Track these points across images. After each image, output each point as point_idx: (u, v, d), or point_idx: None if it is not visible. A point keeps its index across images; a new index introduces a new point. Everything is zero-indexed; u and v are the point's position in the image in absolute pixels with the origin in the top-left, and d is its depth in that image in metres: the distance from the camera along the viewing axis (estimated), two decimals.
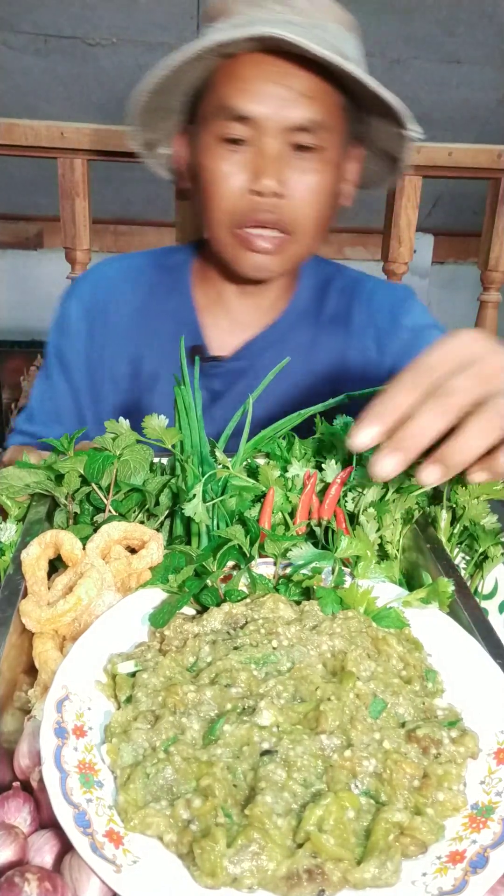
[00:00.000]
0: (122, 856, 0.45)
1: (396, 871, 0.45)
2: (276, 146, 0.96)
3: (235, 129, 0.96)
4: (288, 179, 0.97)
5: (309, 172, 0.99)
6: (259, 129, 0.95)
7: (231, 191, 0.99)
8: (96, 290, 1.20)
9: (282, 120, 0.95)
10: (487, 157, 1.53)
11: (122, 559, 0.67)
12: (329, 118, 0.98)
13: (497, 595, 0.77)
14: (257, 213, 0.98)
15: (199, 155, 1.01)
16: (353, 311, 1.18)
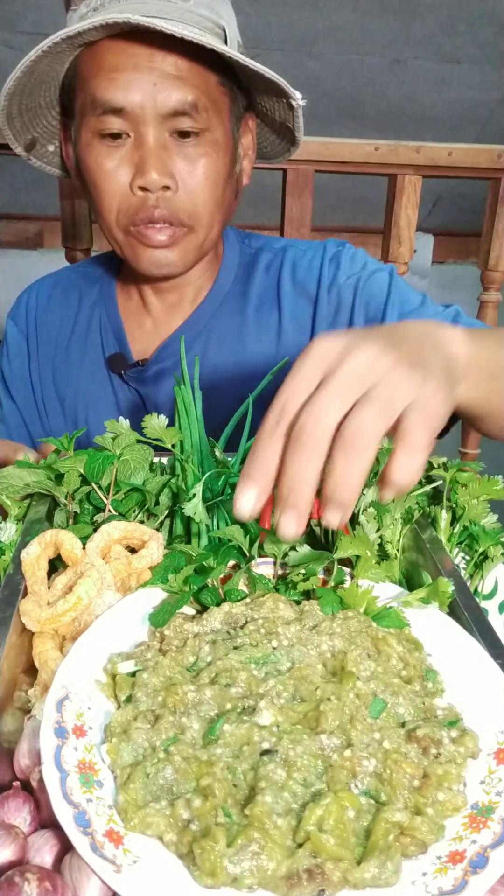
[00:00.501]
0: (122, 856, 0.45)
1: (396, 871, 0.45)
2: (156, 135, 0.90)
3: (111, 122, 0.90)
4: (174, 169, 0.92)
5: (196, 158, 0.93)
6: (135, 120, 0.90)
7: (117, 189, 0.93)
8: (28, 309, 1.19)
9: (157, 105, 0.89)
10: (487, 157, 1.53)
11: (122, 559, 0.67)
12: (207, 98, 0.92)
13: (497, 595, 0.77)
14: (147, 209, 0.93)
15: (80, 152, 0.96)
16: (282, 287, 1.09)
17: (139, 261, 0.99)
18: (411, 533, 0.75)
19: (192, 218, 0.96)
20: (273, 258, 1.13)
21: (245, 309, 1.10)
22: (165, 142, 0.91)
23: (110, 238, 1.00)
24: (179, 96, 0.89)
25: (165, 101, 0.89)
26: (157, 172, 0.90)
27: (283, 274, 1.10)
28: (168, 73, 0.89)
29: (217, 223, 1.00)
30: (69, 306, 1.17)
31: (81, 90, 0.92)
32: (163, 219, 0.94)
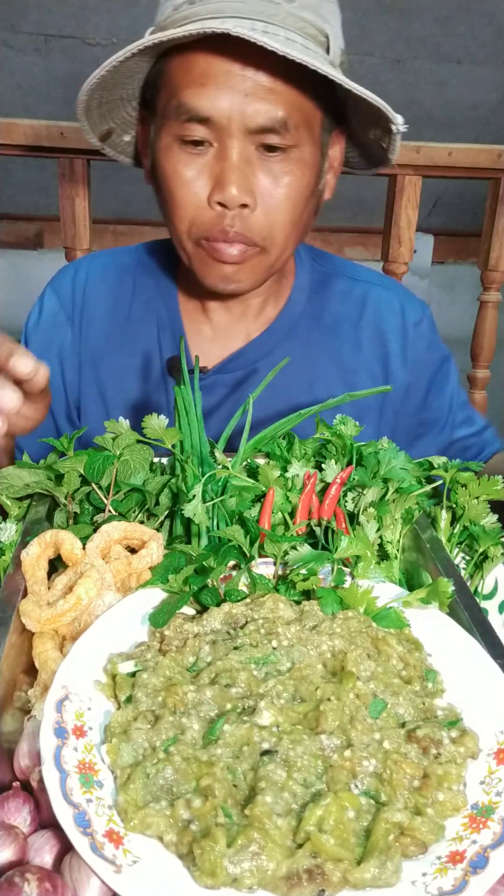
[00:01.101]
0: (122, 856, 0.45)
1: (396, 871, 0.45)
2: (241, 149, 0.85)
3: (194, 129, 0.85)
4: (256, 186, 0.87)
5: (280, 176, 0.88)
6: (221, 130, 0.84)
7: (193, 200, 0.88)
8: (76, 284, 1.11)
9: (245, 118, 0.83)
10: (487, 157, 1.53)
11: (122, 559, 0.67)
12: (299, 114, 0.86)
13: (497, 595, 0.77)
14: (222, 226, 0.88)
15: (158, 155, 0.91)
16: (362, 325, 1.08)
17: (206, 275, 0.95)
18: (411, 533, 0.75)
19: (266, 239, 0.90)
20: (351, 288, 1.10)
21: (318, 336, 1.08)
22: (250, 156, 0.86)
23: (179, 247, 0.95)
24: (270, 112, 0.84)
25: (254, 116, 0.84)
26: (238, 189, 0.85)
27: (365, 313, 1.09)
28: (261, 86, 0.83)
29: (291, 244, 0.95)
30: (123, 293, 1.10)
31: (167, 92, 0.88)
32: (237, 238, 0.89)
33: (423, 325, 1.11)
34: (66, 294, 1.11)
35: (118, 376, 1.08)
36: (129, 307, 1.10)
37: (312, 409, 0.81)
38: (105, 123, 0.98)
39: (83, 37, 2.52)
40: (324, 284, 1.10)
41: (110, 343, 1.09)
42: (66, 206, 1.53)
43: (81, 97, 0.88)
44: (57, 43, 2.54)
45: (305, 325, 1.08)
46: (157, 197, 0.97)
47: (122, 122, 1.00)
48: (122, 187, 2.74)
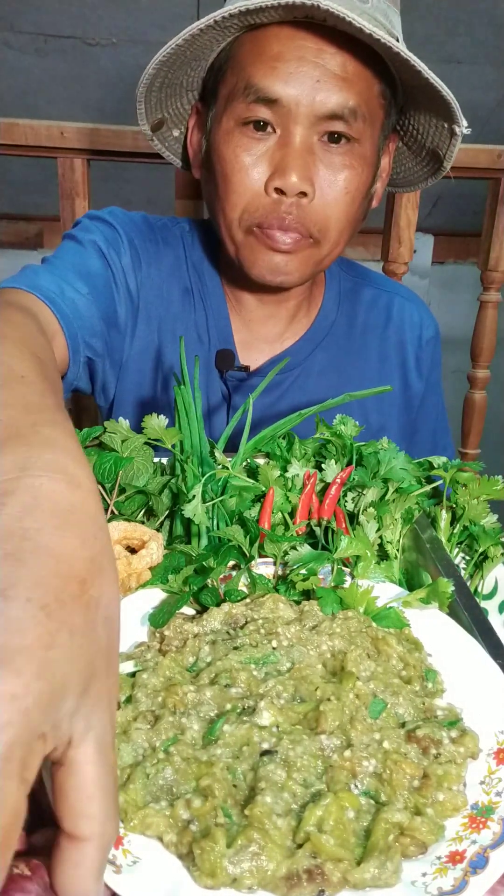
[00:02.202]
0: (122, 856, 0.45)
1: (396, 871, 0.45)
2: (305, 136, 0.84)
3: (261, 111, 0.84)
4: (315, 176, 0.86)
5: (340, 168, 0.87)
6: (287, 115, 0.83)
7: (249, 186, 0.87)
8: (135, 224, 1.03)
9: (315, 104, 0.83)
10: (487, 157, 1.53)
11: (122, 559, 0.67)
12: (367, 106, 0.86)
13: (497, 595, 0.77)
14: (278, 213, 0.87)
15: (216, 140, 0.89)
16: (388, 333, 1.10)
17: (254, 265, 0.92)
18: (411, 533, 0.75)
19: (321, 231, 0.90)
20: (377, 297, 1.12)
21: (349, 343, 1.09)
22: (312, 145, 0.85)
23: (226, 236, 0.92)
24: (340, 99, 0.83)
25: (325, 102, 0.83)
26: (298, 176, 0.84)
27: (390, 322, 1.11)
28: (333, 72, 0.82)
29: (343, 241, 0.94)
30: (178, 258, 1.05)
31: (234, 74, 0.86)
32: (292, 227, 0.88)
33: (433, 342, 1.14)
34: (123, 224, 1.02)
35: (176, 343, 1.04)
36: (182, 276, 1.05)
37: (312, 409, 0.81)
38: (159, 111, 0.96)
39: (83, 37, 2.52)
40: (352, 293, 1.11)
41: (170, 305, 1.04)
42: (66, 206, 1.53)
43: (149, 70, 0.87)
44: (57, 43, 2.54)
45: (337, 333, 1.09)
46: (206, 188, 0.95)
47: (175, 114, 0.98)
48: (122, 187, 2.75)
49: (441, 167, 0.98)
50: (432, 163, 0.99)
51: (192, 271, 1.06)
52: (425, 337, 1.13)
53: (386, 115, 0.91)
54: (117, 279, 0.99)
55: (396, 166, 1.04)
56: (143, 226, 1.05)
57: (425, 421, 1.18)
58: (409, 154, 1.02)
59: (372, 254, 3.34)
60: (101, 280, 0.96)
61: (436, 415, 1.20)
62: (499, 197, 1.57)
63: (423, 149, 0.98)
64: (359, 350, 1.10)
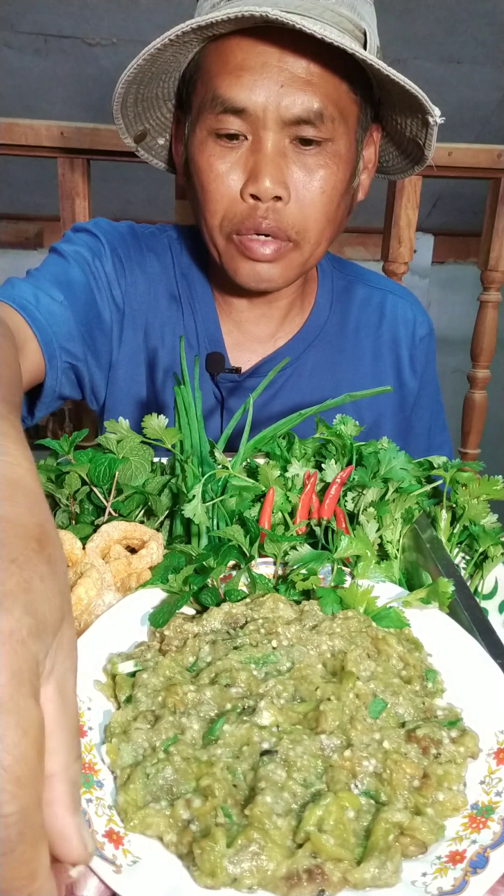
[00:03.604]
0: (122, 856, 0.45)
1: (396, 871, 0.45)
2: (275, 141, 0.84)
3: (229, 122, 0.84)
4: (290, 179, 0.86)
5: (315, 169, 0.87)
6: (256, 122, 0.84)
7: (226, 193, 0.88)
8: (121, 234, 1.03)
9: (280, 109, 0.83)
10: (487, 157, 1.53)
11: (122, 559, 0.67)
12: (335, 106, 0.85)
13: (497, 595, 0.77)
14: (255, 219, 0.87)
15: (192, 150, 0.90)
16: (382, 332, 1.10)
17: (237, 273, 0.94)
18: (411, 533, 0.75)
19: (300, 233, 0.90)
20: (370, 295, 1.12)
21: (342, 342, 1.09)
22: (284, 149, 0.86)
23: (210, 243, 0.94)
24: (305, 103, 0.83)
25: (290, 107, 0.83)
26: (271, 181, 0.85)
27: (384, 321, 1.11)
28: (297, 76, 0.83)
29: (325, 241, 0.94)
30: (166, 265, 1.06)
31: (203, 85, 0.87)
32: (270, 231, 0.88)
33: (427, 339, 1.14)
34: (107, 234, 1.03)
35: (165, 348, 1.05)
36: (170, 283, 1.06)
37: (312, 409, 0.81)
38: (140, 123, 0.97)
39: (83, 37, 2.52)
40: (345, 291, 1.11)
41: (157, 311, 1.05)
42: (66, 206, 1.53)
43: (118, 90, 0.88)
44: (57, 43, 2.54)
45: (331, 332, 1.09)
46: (189, 196, 0.96)
47: (158, 124, 0.99)
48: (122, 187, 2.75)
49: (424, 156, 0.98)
50: (416, 151, 0.99)
51: (181, 277, 1.07)
52: (419, 334, 1.13)
53: (361, 109, 0.91)
54: (100, 286, 1.00)
55: (382, 154, 1.04)
56: (127, 235, 1.05)
57: (420, 418, 1.18)
58: (392, 144, 1.02)
59: (372, 254, 3.35)
60: (81, 287, 0.97)
61: (431, 411, 1.20)
62: (499, 197, 1.57)
63: (405, 138, 0.98)
64: (352, 348, 1.10)
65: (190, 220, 1.49)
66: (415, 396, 1.15)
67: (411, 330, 1.12)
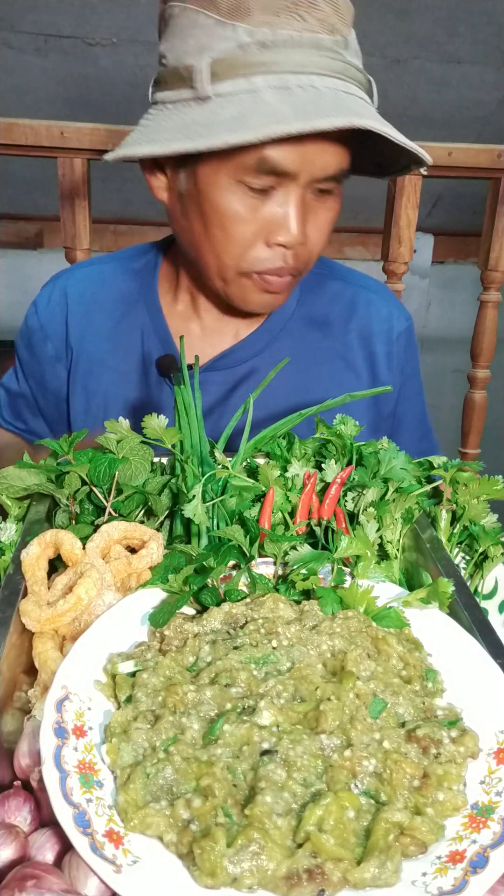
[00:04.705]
0: (122, 856, 0.45)
1: (396, 871, 0.45)
2: (304, 195, 0.87)
3: (266, 180, 0.85)
4: (308, 226, 0.90)
5: (326, 213, 0.92)
6: (291, 180, 0.85)
7: (248, 238, 0.89)
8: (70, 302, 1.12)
9: (315, 171, 0.85)
10: (487, 157, 1.53)
11: (122, 559, 0.67)
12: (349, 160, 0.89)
13: (497, 595, 0.77)
14: (277, 262, 0.91)
15: (209, 190, 0.88)
16: (351, 328, 1.10)
17: (247, 303, 0.97)
18: (411, 533, 0.75)
19: (307, 265, 0.95)
20: (342, 290, 1.12)
21: (309, 335, 1.09)
22: (309, 200, 0.89)
23: (215, 274, 0.95)
24: (337, 164, 0.86)
25: (325, 168, 0.85)
26: (300, 231, 0.88)
27: (355, 315, 1.11)
28: (332, 139, 0.83)
29: None
30: (104, 301, 1.11)
31: None
32: (288, 271, 0.92)
33: (405, 335, 1.13)
34: (43, 311, 1.13)
35: (107, 384, 1.09)
36: (112, 315, 1.10)
37: (312, 409, 0.81)
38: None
39: (83, 37, 2.51)
40: (315, 286, 1.11)
41: (96, 352, 1.10)
42: (66, 206, 1.53)
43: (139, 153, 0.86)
44: (57, 43, 2.53)
45: (296, 325, 1.09)
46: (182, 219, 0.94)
47: None
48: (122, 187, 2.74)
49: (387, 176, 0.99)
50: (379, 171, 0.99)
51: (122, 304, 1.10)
52: (396, 330, 1.12)
53: None
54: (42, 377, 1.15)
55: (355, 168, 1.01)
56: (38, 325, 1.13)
57: (410, 410, 1.18)
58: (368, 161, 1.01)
59: (372, 254, 3.34)
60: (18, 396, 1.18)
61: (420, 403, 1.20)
62: (499, 197, 1.57)
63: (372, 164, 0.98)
64: (319, 342, 1.09)
65: None
66: (396, 392, 1.13)
67: (386, 326, 1.12)
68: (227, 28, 0.79)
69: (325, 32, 0.80)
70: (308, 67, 0.80)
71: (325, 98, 0.79)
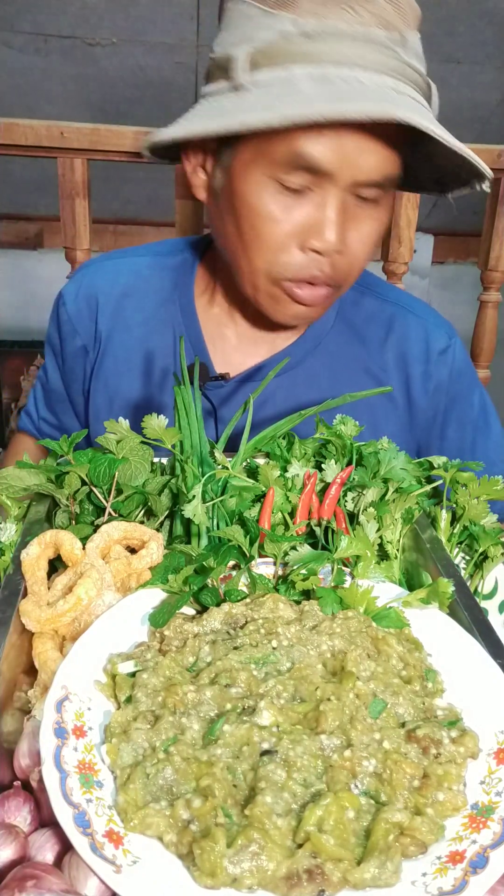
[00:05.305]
0: (122, 856, 0.45)
1: (396, 871, 0.45)
2: (343, 199, 0.82)
3: (301, 177, 0.81)
4: (348, 233, 0.85)
5: (368, 223, 0.86)
6: (329, 179, 0.81)
7: (285, 242, 0.85)
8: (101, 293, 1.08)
9: (357, 173, 0.80)
10: (487, 157, 1.53)
11: (122, 559, 0.67)
12: (398, 168, 0.84)
13: (497, 595, 0.77)
14: (311, 270, 0.86)
15: (241, 185, 0.85)
16: (387, 349, 1.04)
17: (277, 313, 0.93)
18: (411, 533, 0.75)
19: (346, 279, 0.90)
20: (380, 308, 1.07)
21: (345, 353, 1.05)
22: (348, 205, 0.84)
23: (247, 281, 0.91)
24: (383, 169, 0.81)
25: (367, 170, 0.80)
26: (337, 238, 0.83)
27: (391, 336, 1.06)
28: (376, 139, 0.79)
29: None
30: (145, 300, 1.06)
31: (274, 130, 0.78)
32: (323, 281, 0.88)
33: (447, 354, 1.07)
34: (72, 304, 1.09)
35: (130, 382, 1.06)
36: (144, 310, 1.06)
37: (312, 409, 0.81)
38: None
39: (83, 37, 2.51)
40: (354, 303, 1.07)
41: (124, 348, 1.06)
42: (66, 206, 1.53)
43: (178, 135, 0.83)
44: (57, 43, 2.54)
45: (333, 342, 1.05)
46: (216, 220, 0.92)
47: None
48: (122, 187, 2.74)
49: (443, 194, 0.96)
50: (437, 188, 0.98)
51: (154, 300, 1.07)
52: (434, 350, 1.06)
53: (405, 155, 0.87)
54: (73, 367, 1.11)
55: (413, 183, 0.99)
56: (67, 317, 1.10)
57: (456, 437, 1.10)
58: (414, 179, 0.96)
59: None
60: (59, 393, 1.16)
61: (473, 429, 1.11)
62: (499, 197, 1.57)
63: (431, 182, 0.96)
64: (353, 362, 1.06)
65: (188, 223, 1.49)
66: (433, 414, 1.08)
67: (424, 347, 1.06)
68: (272, 18, 0.76)
69: (378, 27, 0.76)
70: (354, 60, 0.75)
71: (367, 91, 0.74)
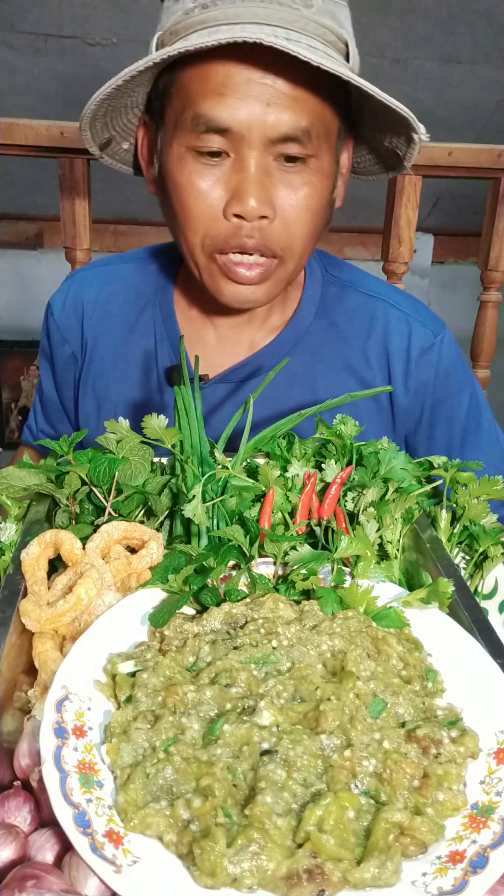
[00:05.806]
0: (122, 856, 0.45)
1: (396, 871, 0.45)
2: (260, 160, 0.82)
3: (211, 140, 0.81)
4: (275, 197, 0.84)
5: (300, 186, 0.85)
6: (240, 140, 0.81)
7: (209, 212, 0.85)
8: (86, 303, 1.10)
9: (266, 128, 0.80)
10: (487, 157, 1.53)
11: (122, 559, 0.68)
12: (322, 122, 0.83)
13: (497, 595, 0.77)
14: (240, 238, 0.85)
15: (169, 165, 0.87)
16: (370, 345, 1.03)
17: (220, 293, 0.92)
18: (411, 533, 0.75)
19: (284, 250, 0.88)
20: (363, 304, 1.06)
21: (327, 350, 1.04)
22: (268, 167, 0.83)
23: (190, 259, 0.92)
24: (292, 121, 0.80)
25: (276, 125, 0.80)
26: (257, 201, 0.82)
27: (373, 332, 1.04)
28: (283, 94, 0.79)
29: (307, 255, 0.93)
30: (119, 303, 1.08)
31: (180, 99, 0.83)
32: (255, 248, 0.86)
33: (431, 353, 1.04)
34: (59, 313, 1.12)
35: (117, 386, 1.08)
36: (126, 317, 1.08)
37: (312, 409, 0.81)
38: (106, 132, 0.95)
39: (83, 37, 2.52)
40: (336, 299, 1.06)
41: (109, 354, 1.08)
42: (66, 206, 1.53)
43: (89, 109, 0.85)
44: (57, 43, 2.54)
45: (314, 339, 1.04)
46: (163, 207, 0.94)
47: (123, 129, 0.96)
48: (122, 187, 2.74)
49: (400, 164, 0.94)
50: (393, 158, 0.95)
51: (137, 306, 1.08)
52: (417, 348, 1.03)
53: (341, 120, 0.88)
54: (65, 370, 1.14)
55: (359, 157, 1.00)
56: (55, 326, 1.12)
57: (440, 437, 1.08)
58: (365, 147, 0.97)
59: (372, 254, 3.34)
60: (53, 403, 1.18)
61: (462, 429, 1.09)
62: (499, 197, 1.57)
63: (382, 146, 0.94)
64: (335, 359, 1.04)
65: None
66: (419, 414, 1.06)
67: (405, 344, 1.04)
68: (179, 2, 0.81)
69: None
70: (245, 18, 0.76)
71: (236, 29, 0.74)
